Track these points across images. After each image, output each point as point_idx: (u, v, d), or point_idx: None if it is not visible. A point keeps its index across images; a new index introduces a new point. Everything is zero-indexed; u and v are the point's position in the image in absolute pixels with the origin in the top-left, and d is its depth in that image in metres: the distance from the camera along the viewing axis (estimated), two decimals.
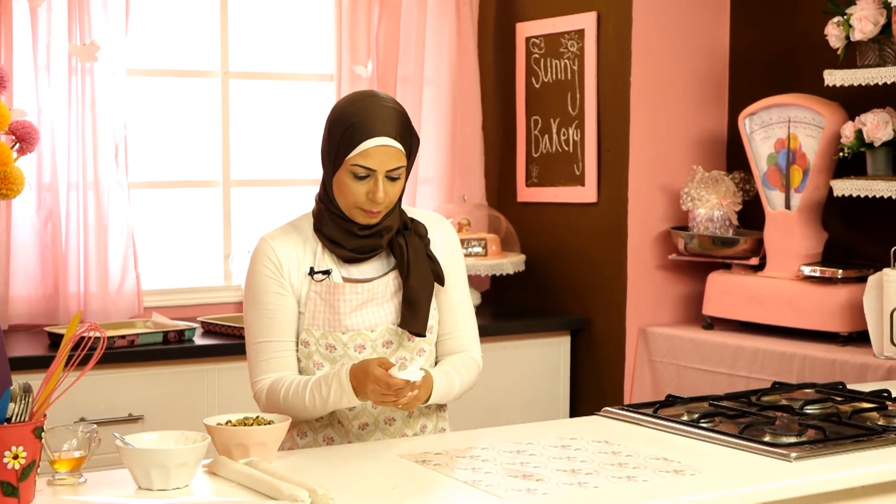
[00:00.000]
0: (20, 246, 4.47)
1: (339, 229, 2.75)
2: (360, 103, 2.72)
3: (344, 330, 2.76)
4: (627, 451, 2.64)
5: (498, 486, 2.35)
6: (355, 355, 2.76)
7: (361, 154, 2.67)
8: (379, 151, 2.67)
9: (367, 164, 2.67)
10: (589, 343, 4.95)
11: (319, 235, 2.78)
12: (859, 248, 4.46)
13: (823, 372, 4.04)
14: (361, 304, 2.77)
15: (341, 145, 2.68)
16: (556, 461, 2.54)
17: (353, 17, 5.02)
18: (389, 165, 2.68)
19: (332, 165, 2.73)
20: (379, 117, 2.68)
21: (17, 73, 4.39)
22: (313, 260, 2.77)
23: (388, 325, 2.79)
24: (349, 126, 2.68)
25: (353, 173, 2.68)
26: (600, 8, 4.84)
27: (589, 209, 4.94)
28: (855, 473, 2.51)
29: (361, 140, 2.66)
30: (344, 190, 2.70)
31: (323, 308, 2.76)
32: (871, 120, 4.06)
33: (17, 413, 2.13)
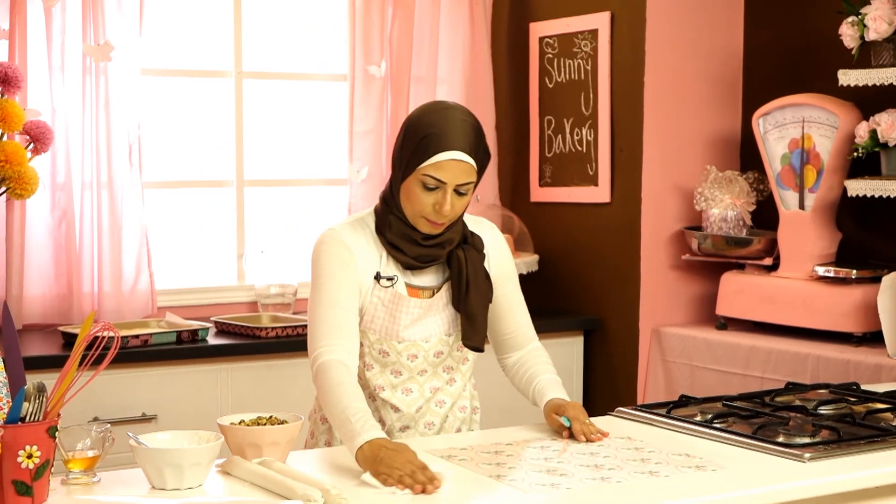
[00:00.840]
0: (34, 246, 4.48)
1: (402, 236, 2.75)
2: (440, 114, 2.71)
3: (400, 340, 2.79)
4: (650, 448, 2.67)
5: (522, 480, 2.39)
6: (407, 363, 2.81)
7: (434, 165, 2.66)
8: (451, 165, 2.67)
9: (439, 176, 2.67)
10: (602, 343, 4.95)
11: (382, 239, 2.78)
12: (873, 249, 4.44)
13: (837, 372, 4.03)
14: (420, 317, 2.80)
15: (415, 153, 2.68)
16: (580, 456, 2.58)
17: (366, 16, 5.02)
18: (460, 180, 2.68)
19: (402, 171, 2.73)
20: (456, 131, 2.68)
21: (31, 73, 4.40)
22: (379, 262, 2.78)
23: (440, 336, 2.83)
24: (426, 136, 2.67)
25: (424, 183, 2.68)
26: (614, 8, 4.84)
27: (602, 209, 4.93)
28: (869, 474, 2.50)
29: (436, 151, 2.66)
30: (412, 198, 2.71)
31: (383, 315, 2.78)
32: (886, 120, 4.05)
33: (32, 412, 2.14)
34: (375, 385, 2.81)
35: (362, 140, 5.06)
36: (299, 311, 4.92)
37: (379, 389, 2.81)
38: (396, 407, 2.82)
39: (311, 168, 5.25)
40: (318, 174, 5.26)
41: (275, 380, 4.30)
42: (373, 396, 2.82)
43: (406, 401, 2.82)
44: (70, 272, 4.52)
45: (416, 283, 2.81)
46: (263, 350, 4.28)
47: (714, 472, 2.48)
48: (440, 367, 2.85)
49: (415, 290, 2.81)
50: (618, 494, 2.33)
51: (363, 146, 5.06)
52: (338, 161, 5.20)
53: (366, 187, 5.07)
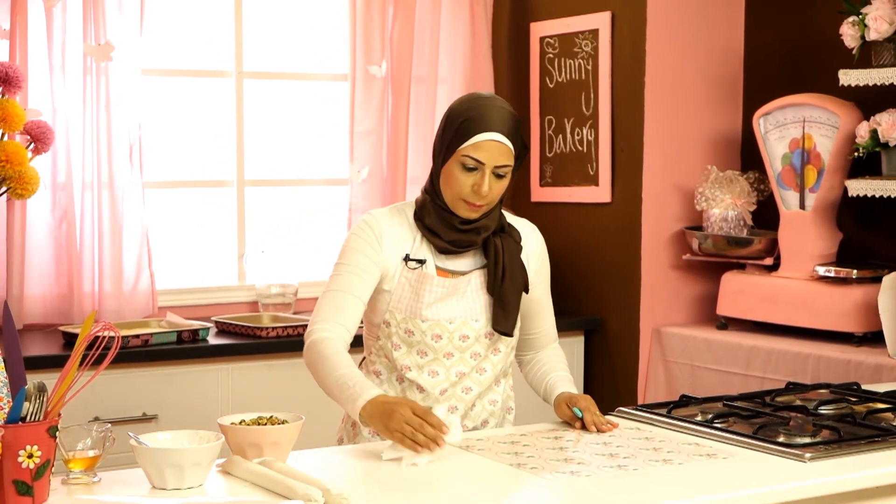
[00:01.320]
0: (35, 246, 4.48)
1: (440, 220, 2.84)
2: (479, 100, 2.83)
3: (423, 319, 2.85)
4: (660, 438, 2.75)
5: (543, 469, 2.46)
6: (432, 343, 2.86)
7: (473, 146, 2.76)
8: (490, 146, 2.77)
9: (478, 157, 2.76)
10: (603, 343, 4.95)
11: (419, 224, 2.87)
12: (874, 248, 4.44)
13: (838, 372, 4.03)
14: (443, 297, 2.86)
15: (455, 136, 2.78)
16: (594, 446, 2.67)
17: (367, 16, 5.02)
18: (498, 161, 2.77)
19: (442, 156, 2.82)
20: (495, 114, 2.78)
21: (32, 73, 4.40)
22: (411, 247, 2.87)
23: (466, 320, 2.88)
24: (465, 119, 2.78)
25: (463, 164, 2.77)
26: (614, 8, 4.84)
27: (603, 209, 4.93)
28: (869, 474, 2.51)
29: (475, 132, 2.76)
30: (451, 180, 2.80)
31: (409, 294, 2.85)
32: (887, 120, 4.05)
33: (32, 412, 2.14)
34: (402, 365, 2.88)
35: (363, 140, 5.06)
36: (300, 311, 4.92)
37: (405, 369, 2.87)
38: (421, 387, 2.87)
39: (312, 168, 5.25)
40: (319, 174, 5.26)
41: (275, 380, 4.30)
42: (400, 378, 2.89)
43: (431, 382, 2.88)
44: (71, 272, 4.52)
45: (448, 267, 2.89)
46: (264, 350, 4.29)
47: (725, 460, 2.55)
48: (467, 353, 2.89)
49: (445, 273, 2.88)
50: (637, 481, 2.40)
51: (364, 146, 5.06)
52: (338, 161, 5.21)
53: (366, 187, 5.07)
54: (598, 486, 2.36)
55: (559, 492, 2.34)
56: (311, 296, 5.07)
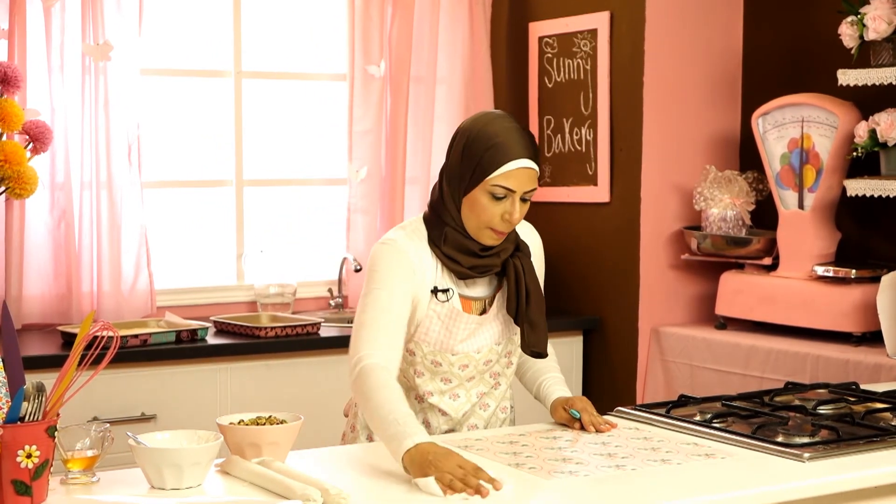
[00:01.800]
0: (33, 245, 4.48)
1: (459, 247, 2.76)
2: (499, 124, 2.72)
3: (454, 353, 2.81)
4: (658, 438, 2.76)
5: (541, 468, 2.46)
6: (458, 372, 2.84)
7: (504, 175, 2.68)
8: (520, 173, 2.70)
9: (509, 185, 2.69)
10: (601, 343, 4.95)
11: (437, 251, 2.77)
12: (873, 248, 4.45)
13: (837, 372, 4.03)
14: (474, 332, 2.82)
15: (481, 165, 2.69)
16: (592, 446, 2.67)
17: (365, 16, 5.02)
18: (527, 187, 2.71)
19: (465, 184, 2.73)
20: (520, 140, 2.71)
21: (30, 73, 4.40)
22: (435, 274, 2.78)
23: (490, 346, 2.86)
24: (490, 147, 2.69)
25: (493, 193, 2.70)
26: (613, 7, 4.84)
27: (601, 209, 4.93)
28: (868, 474, 2.51)
29: (505, 161, 2.68)
30: (478, 210, 2.72)
31: (438, 328, 2.79)
32: (885, 119, 4.05)
33: (31, 412, 2.14)
34: (424, 391, 2.84)
35: (361, 140, 5.06)
36: (298, 311, 4.92)
37: (428, 395, 2.84)
38: (444, 411, 2.86)
39: (311, 168, 5.25)
40: (318, 174, 5.26)
41: (274, 379, 4.30)
42: (420, 399, 2.86)
43: (454, 406, 2.86)
44: (69, 272, 4.52)
45: (468, 294, 2.82)
46: (263, 350, 4.29)
47: (724, 460, 2.55)
48: (487, 374, 2.89)
49: (467, 302, 2.82)
50: (635, 481, 2.40)
51: (362, 146, 5.06)
52: (337, 161, 5.21)
53: (365, 187, 5.07)
54: (596, 485, 2.37)
55: (558, 491, 2.34)
56: (309, 296, 5.07)
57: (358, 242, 5.10)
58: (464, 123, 2.80)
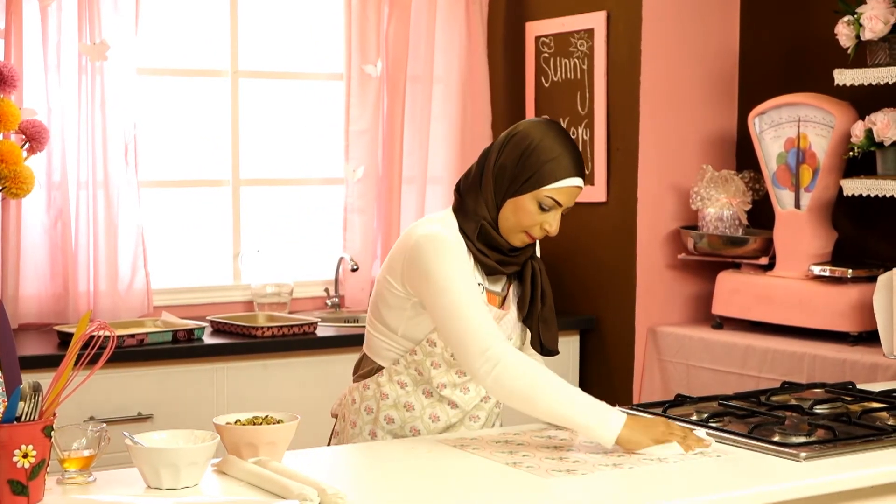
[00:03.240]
0: (30, 245, 4.48)
1: (490, 243, 2.81)
2: (562, 138, 2.78)
3: None
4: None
5: (539, 467, 2.47)
6: None
7: (558, 189, 2.75)
8: (572, 191, 2.78)
9: (560, 199, 2.77)
10: (598, 342, 4.95)
11: (469, 243, 2.80)
12: (869, 248, 4.45)
13: (833, 372, 4.03)
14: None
15: (539, 174, 2.74)
16: (587, 444, 2.66)
17: (362, 16, 5.02)
18: (572, 203, 2.81)
19: (514, 187, 2.77)
20: (577, 159, 2.78)
21: (27, 73, 4.40)
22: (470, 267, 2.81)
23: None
24: (553, 158, 2.74)
25: (541, 203, 2.76)
26: (610, 7, 4.84)
27: (598, 208, 4.93)
28: (864, 474, 2.51)
29: (564, 177, 2.75)
30: (521, 214, 2.77)
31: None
32: (882, 119, 4.06)
33: (27, 412, 2.13)
34: (438, 383, 2.86)
35: (358, 139, 5.06)
36: (295, 311, 4.92)
37: (441, 387, 2.86)
38: (455, 403, 2.88)
39: (308, 167, 5.25)
40: (315, 173, 5.26)
41: (271, 379, 4.30)
42: (427, 392, 2.87)
43: (464, 398, 2.88)
44: (66, 271, 4.52)
45: (490, 288, 2.87)
46: (259, 349, 4.28)
47: (720, 459, 2.55)
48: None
49: (492, 297, 2.86)
50: (633, 480, 2.40)
51: (359, 145, 5.06)
52: (334, 160, 5.21)
53: (362, 186, 5.07)
54: (594, 484, 2.37)
55: (556, 490, 2.34)
56: (306, 295, 5.07)
57: (354, 242, 5.10)
58: (524, 127, 2.81)
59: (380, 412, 2.88)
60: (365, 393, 2.92)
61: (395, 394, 2.87)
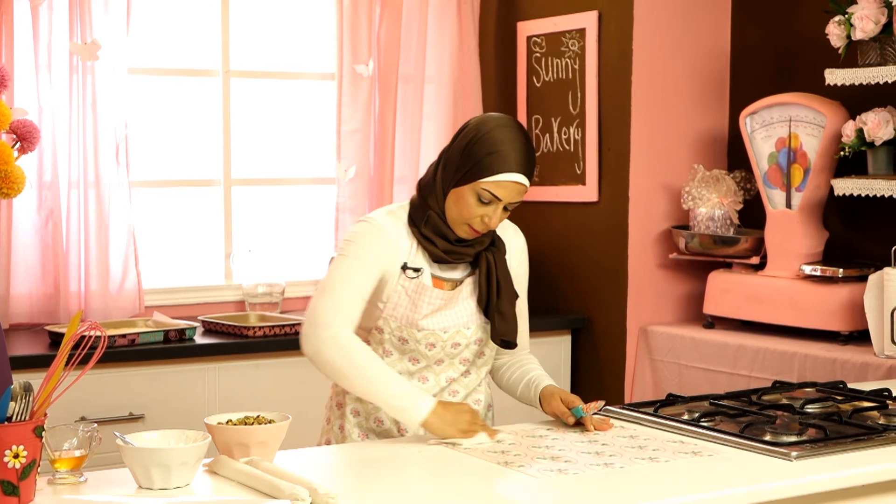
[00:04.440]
0: (21, 245, 4.47)
1: (436, 232, 2.82)
2: (506, 133, 2.77)
3: (419, 328, 2.84)
4: (645, 436, 2.76)
5: (530, 466, 2.47)
6: (425, 351, 2.87)
7: (495, 183, 2.74)
8: (511, 186, 2.76)
9: (497, 193, 2.75)
10: (589, 342, 4.95)
11: (415, 230, 2.84)
12: (860, 248, 4.46)
13: (824, 371, 4.04)
14: (440, 308, 2.86)
15: (478, 166, 2.75)
16: (580, 444, 2.68)
17: (354, 15, 5.02)
18: (513, 199, 2.78)
19: (457, 178, 2.79)
20: (522, 154, 2.76)
21: (17, 72, 4.39)
22: (408, 253, 2.84)
23: (459, 328, 2.89)
24: (493, 152, 2.74)
25: (479, 196, 2.76)
26: (601, 7, 4.84)
27: (590, 208, 4.94)
28: (855, 472, 2.51)
29: (501, 171, 2.74)
30: (461, 205, 2.78)
31: (405, 303, 2.84)
32: (872, 119, 4.06)
33: (18, 412, 2.13)
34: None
35: (350, 139, 5.06)
36: (287, 311, 4.91)
37: None
38: None
39: (299, 167, 5.24)
40: (306, 173, 5.25)
41: (262, 379, 4.30)
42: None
43: (422, 388, 2.88)
44: (57, 271, 4.51)
45: (442, 276, 2.88)
46: (251, 349, 4.28)
47: (712, 458, 2.56)
48: (457, 359, 2.92)
49: (440, 282, 2.88)
50: (624, 479, 2.40)
51: (351, 145, 5.06)
52: (325, 160, 5.20)
53: (353, 186, 5.07)
54: (585, 483, 2.37)
55: (547, 489, 2.34)
56: (298, 295, 5.07)
57: None
58: (473, 119, 2.85)
59: (346, 406, 2.93)
60: (336, 388, 2.99)
61: None
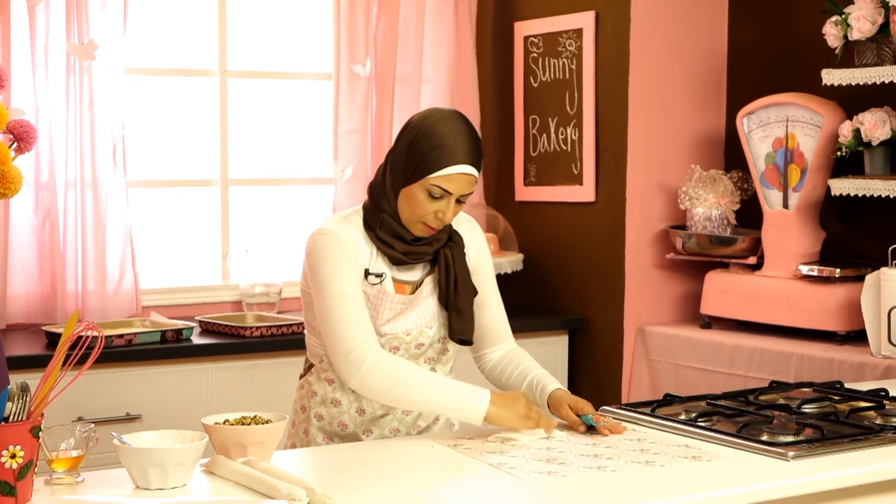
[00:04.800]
0: (18, 245, 4.47)
1: (392, 234, 2.82)
2: (448, 125, 2.76)
3: (382, 334, 2.84)
4: (651, 439, 2.74)
5: (521, 468, 2.46)
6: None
7: (444, 177, 2.74)
8: (460, 178, 2.75)
9: (447, 188, 2.74)
10: (587, 342, 4.95)
11: (371, 235, 2.83)
12: (857, 248, 4.46)
13: (821, 371, 4.04)
14: (401, 312, 2.85)
15: (424, 163, 2.74)
16: (581, 446, 2.65)
17: (351, 15, 5.02)
18: (464, 191, 2.77)
19: (405, 177, 2.78)
20: (467, 145, 2.75)
21: (15, 72, 4.39)
22: (369, 259, 2.83)
23: (421, 329, 2.88)
24: (438, 146, 2.73)
25: (430, 192, 2.75)
26: (598, 7, 4.84)
27: (587, 208, 4.94)
28: (852, 472, 2.51)
29: (448, 164, 2.73)
30: (413, 204, 2.77)
31: (368, 310, 2.82)
32: (869, 119, 4.06)
33: (15, 412, 2.13)
34: None
35: (347, 139, 5.06)
36: (284, 311, 4.91)
37: None
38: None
39: (296, 167, 5.24)
40: (303, 173, 5.25)
41: (259, 379, 4.30)
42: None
43: None
44: (54, 271, 4.51)
45: (401, 278, 2.87)
46: (248, 349, 4.28)
47: (710, 463, 2.53)
48: (421, 359, 2.91)
49: (401, 286, 2.87)
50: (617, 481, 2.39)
51: (348, 145, 5.06)
52: (322, 160, 5.20)
53: (350, 186, 5.07)
54: (581, 485, 2.36)
55: (542, 492, 2.33)
56: (295, 295, 5.05)
57: None
58: (415, 117, 2.84)
59: (311, 409, 2.93)
60: (301, 392, 2.99)
61: (322, 391, 2.91)
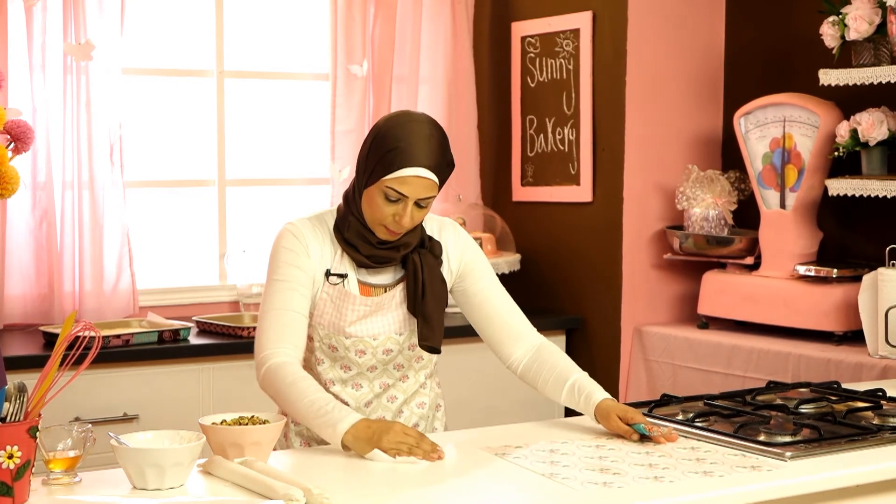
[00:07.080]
0: (15, 245, 4.47)
1: (358, 236, 2.80)
2: (407, 128, 2.73)
3: (347, 336, 2.82)
4: (706, 448, 2.66)
5: (575, 479, 2.39)
6: (356, 359, 2.84)
7: (398, 179, 2.70)
8: (414, 181, 2.70)
9: (401, 190, 2.70)
10: (584, 342, 4.95)
11: (339, 236, 2.83)
12: (854, 248, 4.46)
13: (818, 371, 4.04)
14: (366, 315, 2.83)
15: (380, 164, 2.72)
16: (634, 455, 2.58)
17: (348, 16, 5.02)
18: (421, 195, 2.72)
19: (365, 178, 2.77)
20: (423, 148, 2.70)
21: (12, 73, 4.39)
22: (332, 259, 2.83)
23: (389, 335, 2.85)
24: (392, 149, 2.70)
25: (386, 195, 2.72)
26: (596, 7, 4.85)
27: (584, 208, 4.94)
28: (849, 473, 2.51)
29: (401, 166, 2.69)
30: (372, 206, 2.75)
31: (331, 310, 2.82)
32: (866, 119, 4.07)
33: (12, 413, 2.13)
34: (326, 379, 2.86)
35: (344, 139, 5.06)
36: None
37: (329, 384, 2.86)
38: (345, 401, 2.84)
39: (293, 167, 5.24)
40: (300, 174, 5.25)
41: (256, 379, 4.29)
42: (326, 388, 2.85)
43: (356, 395, 2.86)
44: (51, 272, 4.51)
45: (370, 281, 2.85)
46: (245, 350, 4.27)
47: (770, 472, 2.46)
48: (391, 365, 2.88)
49: (367, 288, 2.85)
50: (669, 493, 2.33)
51: (345, 145, 5.06)
52: (320, 160, 5.20)
53: (348, 186, 5.06)
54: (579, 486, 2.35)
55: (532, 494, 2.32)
56: None
57: None
58: (382, 118, 2.82)
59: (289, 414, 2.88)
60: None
61: None
